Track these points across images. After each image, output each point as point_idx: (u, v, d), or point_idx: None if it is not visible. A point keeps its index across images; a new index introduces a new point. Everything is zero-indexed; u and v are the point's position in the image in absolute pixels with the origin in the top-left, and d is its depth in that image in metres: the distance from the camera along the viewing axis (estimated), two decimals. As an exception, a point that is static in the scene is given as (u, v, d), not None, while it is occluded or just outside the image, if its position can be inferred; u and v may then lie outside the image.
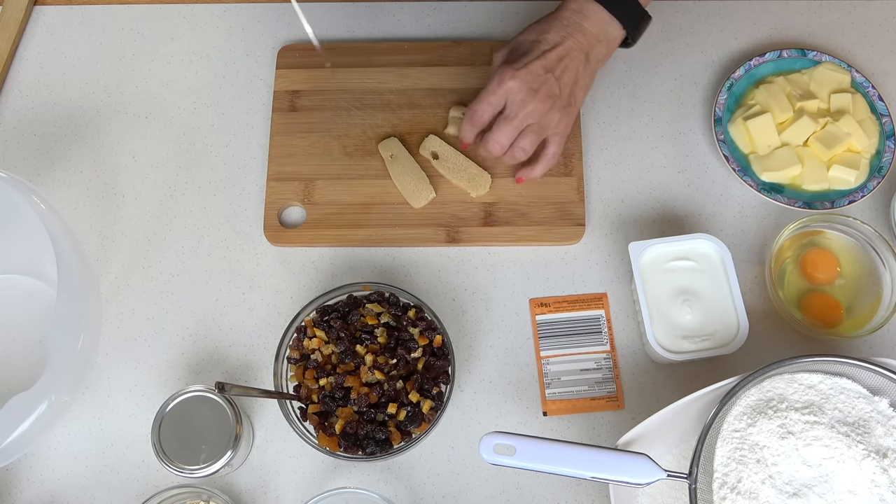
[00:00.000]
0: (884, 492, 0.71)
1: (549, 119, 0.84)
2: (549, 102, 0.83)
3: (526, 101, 0.83)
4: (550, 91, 0.83)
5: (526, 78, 0.82)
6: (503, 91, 0.83)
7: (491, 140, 0.85)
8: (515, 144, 0.85)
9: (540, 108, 0.83)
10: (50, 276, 0.83)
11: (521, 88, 0.82)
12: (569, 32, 0.83)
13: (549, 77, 0.82)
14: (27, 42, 1.04)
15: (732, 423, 0.74)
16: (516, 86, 0.82)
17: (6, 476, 0.86)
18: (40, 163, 0.98)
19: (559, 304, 0.91)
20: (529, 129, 0.85)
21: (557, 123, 0.85)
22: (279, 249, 0.94)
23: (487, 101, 0.84)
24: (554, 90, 0.83)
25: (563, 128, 0.86)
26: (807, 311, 0.88)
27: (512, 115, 0.84)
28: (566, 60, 0.83)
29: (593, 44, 0.84)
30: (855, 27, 1.02)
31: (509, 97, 0.83)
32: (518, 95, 0.82)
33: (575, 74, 0.84)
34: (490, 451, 0.72)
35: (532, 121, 0.84)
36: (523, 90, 0.82)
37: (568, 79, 0.84)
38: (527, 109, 0.83)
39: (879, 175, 0.92)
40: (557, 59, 0.83)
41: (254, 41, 1.03)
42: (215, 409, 0.80)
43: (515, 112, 0.83)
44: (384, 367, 0.82)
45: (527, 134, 0.85)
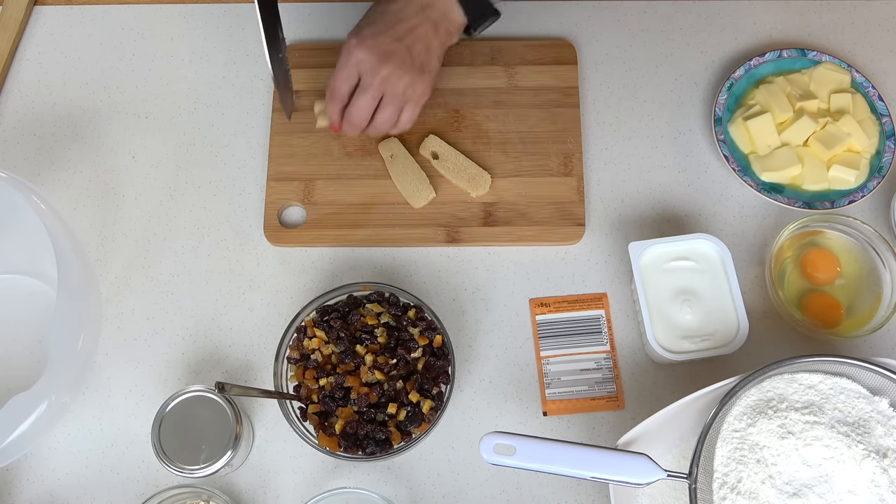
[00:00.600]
0: (884, 492, 0.71)
1: (404, 85, 0.85)
2: (402, 69, 0.84)
3: (377, 68, 0.83)
4: (402, 58, 0.84)
5: (373, 46, 0.83)
6: (353, 61, 0.84)
7: (352, 113, 0.86)
8: (377, 116, 0.87)
9: (393, 73, 0.84)
10: (50, 276, 0.83)
11: (371, 56, 0.83)
12: (411, 3, 0.84)
13: (397, 45, 0.83)
14: (27, 42, 1.04)
15: (732, 423, 0.74)
16: (364, 55, 0.83)
17: (6, 476, 0.86)
18: (40, 163, 0.98)
19: (559, 304, 0.91)
20: (387, 100, 0.86)
21: (413, 90, 0.86)
22: (279, 249, 0.94)
23: (340, 76, 0.85)
24: (404, 57, 0.84)
25: (419, 94, 0.87)
26: (807, 311, 0.88)
27: (367, 85, 0.84)
28: (416, 31, 0.84)
29: (440, 16, 0.85)
30: (855, 27, 1.02)
31: (360, 67, 0.84)
32: (368, 64, 0.83)
33: (425, 43, 0.85)
34: (490, 451, 0.72)
35: (387, 88, 0.85)
36: (373, 58, 0.83)
37: (418, 47, 0.84)
38: (380, 76, 0.84)
39: (879, 175, 0.92)
40: (404, 28, 0.84)
41: (254, 41, 1.03)
42: (215, 409, 0.80)
43: (369, 81, 0.84)
44: (384, 367, 0.82)
45: (385, 105, 0.86)
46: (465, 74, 0.99)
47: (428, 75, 0.86)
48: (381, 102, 0.86)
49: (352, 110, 0.86)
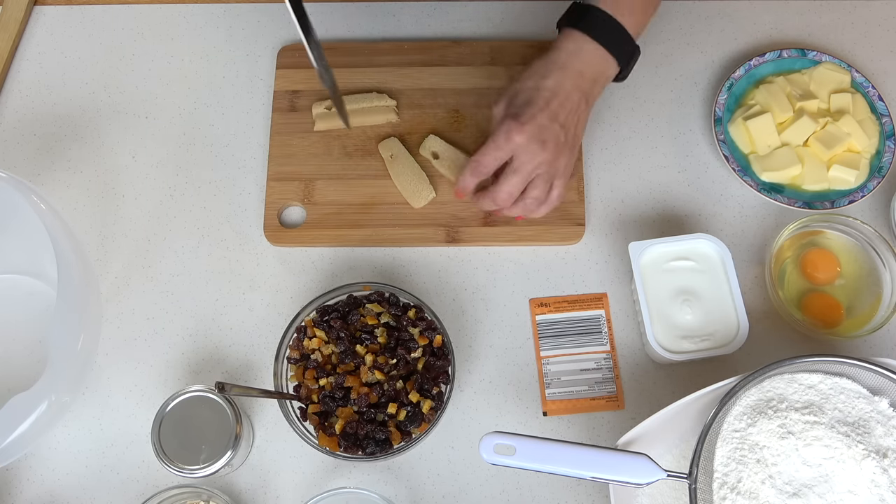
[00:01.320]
0: (884, 492, 0.71)
1: (556, 166, 0.83)
2: (556, 151, 0.82)
3: (535, 154, 0.81)
4: (557, 140, 0.82)
5: (533, 131, 0.80)
6: (511, 147, 0.81)
7: (500, 192, 0.83)
8: (526, 194, 0.84)
9: (549, 158, 0.82)
10: (50, 276, 0.83)
11: (530, 142, 0.81)
12: (566, 76, 0.82)
13: (554, 126, 0.81)
14: (27, 42, 1.04)
15: (732, 423, 0.74)
16: (524, 140, 0.81)
17: (6, 476, 0.86)
18: (40, 163, 0.98)
19: (559, 304, 0.91)
20: (539, 179, 0.84)
21: (565, 168, 0.84)
22: (279, 249, 0.94)
23: (494, 156, 0.82)
24: (560, 138, 0.82)
25: (567, 170, 0.85)
26: (807, 311, 0.88)
27: (521, 168, 0.82)
28: (567, 105, 0.82)
29: (590, 83, 0.83)
30: (855, 27, 1.02)
31: (517, 151, 0.81)
32: (527, 149, 0.81)
33: (577, 117, 0.83)
34: (490, 451, 0.72)
35: (542, 171, 0.83)
36: (532, 143, 0.81)
37: (571, 122, 0.83)
38: (536, 161, 0.82)
39: (879, 175, 0.92)
40: (559, 105, 0.82)
41: (254, 41, 1.03)
42: (215, 409, 0.80)
43: (524, 165, 0.82)
44: (384, 367, 0.82)
45: (536, 183, 0.84)
46: (466, 74, 0.99)
47: (576, 148, 0.85)
48: (532, 182, 0.84)
49: (502, 188, 0.83)
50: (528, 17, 1.04)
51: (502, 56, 1.00)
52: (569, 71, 0.82)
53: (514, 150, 0.81)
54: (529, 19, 1.04)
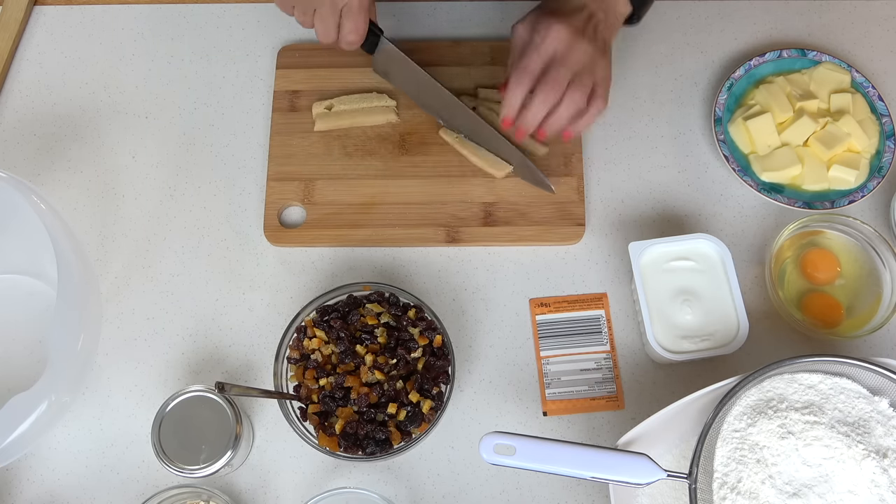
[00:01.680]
0: (884, 492, 0.71)
1: (595, 63, 0.81)
2: (593, 45, 0.81)
3: (575, 43, 0.79)
4: (592, 37, 0.81)
5: (571, 24, 0.80)
6: (553, 37, 0.79)
7: (549, 82, 0.80)
8: (568, 93, 0.81)
9: (589, 49, 0.80)
10: (50, 276, 0.83)
11: (569, 32, 0.79)
12: None
13: (587, 27, 0.81)
14: (27, 42, 1.04)
15: (732, 423, 0.74)
16: (565, 30, 0.79)
17: (6, 476, 0.86)
18: (40, 163, 0.98)
19: (559, 304, 0.91)
20: (579, 76, 0.81)
21: (602, 70, 0.82)
22: (279, 249, 0.94)
23: (538, 52, 0.80)
24: (594, 37, 0.81)
25: (607, 77, 0.83)
26: (807, 311, 0.88)
27: (564, 56, 0.80)
28: (595, 18, 0.82)
29: (609, 10, 0.83)
30: (855, 27, 1.02)
31: (559, 42, 0.80)
32: (567, 39, 0.79)
33: (603, 29, 0.82)
34: (490, 451, 0.72)
35: (582, 65, 0.81)
36: (571, 33, 0.79)
37: (600, 32, 0.82)
38: (578, 51, 0.80)
39: (879, 175, 0.92)
40: (588, 15, 0.81)
41: (254, 41, 1.03)
42: (215, 409, 0.80)
43: (567, 53, 0.80)
44: (384, 367, 0.82)
45: (576, 85, 0.81)
46: (466, 74, 0.99)
47: (609, 60, 0.83)
48: (573, 80, 0.81)
49: (547, 80, 0.80)
50: (528, 17, 1.04)
51: (502, 56, 0.99)
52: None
53: (555, 42, 0.80)
54: (529, 19, 1.04)
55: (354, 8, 0.80)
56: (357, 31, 0.82)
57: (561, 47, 0.80)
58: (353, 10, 0.80)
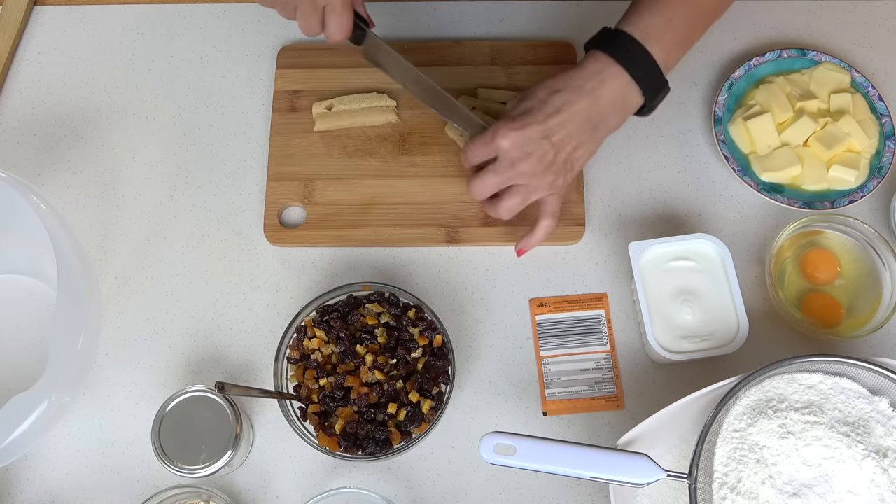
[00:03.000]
0: (884, 492, 0.71)
1: (539, 182, 0.82)
2: (541, 167, 0.80)
3: (515, 162, 0.80)
4: (543, 156, 0.80)
5: (519, 140, 0.79)
6: (494, 146, 0.80)
7: (474, 184, 0.83)
8: (500, 203, 0.84)
9: (529, 171, 0.80)
10: (50, 276, 0.83)
11: (513, 149, 0.79)
12: (579, 97, 0.79)
13: (544, 143, 0.79)
14: (27, 42, 1.04)
15: (732, 423, 0.74)
16: (508, 145, 0.79)
17: (6, 476, 0.86)
18: (40, 163, 0.98)
19: (559, 304, 0.91)
20: (516, 189, 0.83)
21: (551, 184, 0.82)
22: (279, 249, 0.94)
23: (478, 149, 0.82)
24: (548, 156, 0.80)
25: (558, 188, 0.84)
26: (807, 311, 0.88)
27: (499, 170, 0.81)
28: (569, 126, 0.79)
29: (607, 112, 0.80)
30: (855, 27, 1.02)
31: (500, 153, 0.81)
32: (509, 154, 0.80)
33: (576, 141, 0.80)
34: (490, 451, 0.72)
35: (521, 182, 0.82)
36: (515, 151, 0.79)
37: (566, 145, 0.80)
38: (516, 170, 0.80)
39: (879, 175, 0.92)
40: (559, 124, 0.79)
41: (254, 41, 1.03)
42: (215, 409, 0.80)
43: (503, 169, 0.81)
44: (384, 367, 0.82)
45: (513, 194, 0.83)
46: (465, 74, 0.99)
47: (569, 174, 0.83)
48: (509, 190, 0.83)
49: (477, 180, 0.83)
50: (528, 17, 1.04)
51: (502, 56, 1.00)
52: (583, 92, 0.79)
53: (497, 151, 0.81)
54: (529, 19, 1.04)
55: (338, 8, 0.79)
56: (342, 31, 0.81)
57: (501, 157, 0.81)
58: (337, 9, 0.79)
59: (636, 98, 0.81)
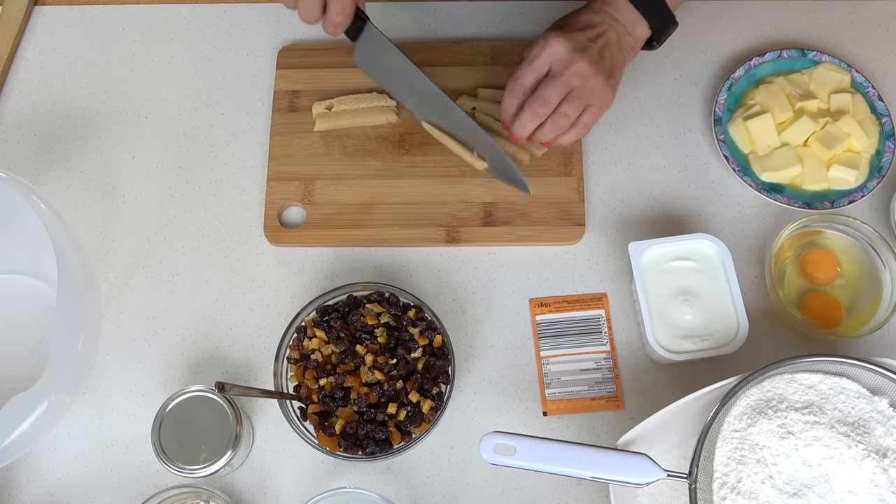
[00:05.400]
0: (884, 492, 0.71)
1: (592, 84, 0.82)
2: (594, 66, 0.82)
3: (572, 61, 0.81)
4: (595, 56, 0.82)
5: (571, 40, 0.81)
6: (548, 52, 0.82)
7: (535, 100, 0.82)
8: (558, 109, 0.83)
9: (586, 69, 0.81)
10: (50, 276, 0.83)
11: (567, 49, 0.81)
12: (600, 15, 0.84)
13: (592, 46, 0.82)
14: (27, 42, 1.04)
15: (732, 423, 0.74)
16: (562, 46, 0.81)
17: (6, 476, 0.86)
18: (40, 163, 0.98)
19: (559, 304, 0.91)
20: (573, 94, 0.83)
21: (600, 93, 0.83)
22: (279, 249, 0.94)
23: (531, 66, 0.82)
24: (597, 57, 0.82)
25: (603, 100, 0.84)
26: (807, 311, 0.88)
27: (557, 73, 0.82)
28: (605, 37, 0.83)
29: (624, 33, 0.84)
30: (855, 27, 1.02)
31: (554, 58, 0.82)
32: (564, 56, 0.81)
33: (614, 51, 0.84)
34: (490, 451, 0.72)
35: (577, 83, 0.82)
36: (569, 50, 0.81)
37: (609, 52, 0.83)
38: (573, 69, 0.81)
39: (879, 175, 0.92)
40: (598, 34, 0.83)
41: (254, 41, 1.03)
42: (215, 409, 0.80)
43: (561, 70, 0.82)
44: (384, 367, 0.82)
45: (571, 99, 0.83)
46: (465, 74, 0.99)
47: (614, 82, 0.84)
48: (567, 97, 0.83)
49: (536, 97, 0.82)
50: (528, 17, 1.04)
51: (502, 56, 1.00)
52: (602, 14, 0.84)
53: (551, 56, 0.82)
54: (529, 19, 1.04)
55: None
56: (344, 13, 0.81)
57: (556, 65, 0.82)
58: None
59: (644, 29, 0.85)
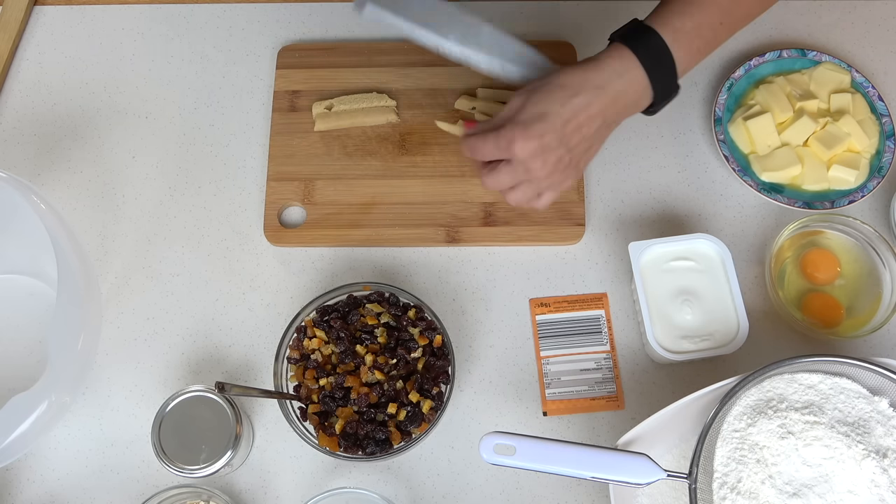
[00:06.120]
0: (884, 492, 0.71)
1: (550, 181, 0.80)
2: (553, 168, 0.78)
3: (531, 170, 0.78)
4: (558, 161, 0.78)
5: (535, 150, 0.76)
6: (509, 154, 0.77)
7: (487, 180, 0.81)
8: (510, 193, 0.81)
9: (543, 172, 0.78)
10: (50, 276, 0.83)
11: (529, 157, 0.77)
12: (598, 98, 0.76)
13: (560, 149, 0.77)
14: (27, 42, 1.04)
15: (732, 423, 0.74)
16: (525, 155, 0.76)
17: (6, 476, 0.86)
18: (40, 163, 0.98)
19: (559, 304, 0.91)
20: (527, 184, 0.80)
21: (556, 184, 0.81)
22: (279, 249, 0.94)
23: (489, 149, 0.78)
24: (563, 160, 0.78)
25: (562, 187, 0.82)
26: (807, 311, 0.88)
27: (514, 172, 0.79)
28: (585, 129, 0.77)
29: (620, 111, 0.78)
30: (855, 27, 1.02)
31: (514, 157, 0.78)
32: (524, 162, 0.77)
33: (589, 143, 0.79)
34: (490, 451, 0.72)
35: (531, 178, 0.79)
36: (531, 160, 0.77)
37: (581, 147, 0.79)
38: (531, 173, 0.78)
39: (879, 175, 0.92)
40: (576, 128, 0.77)
41: (254, 41, 1.03)
42: (215, 409, 0.80)
43: (518, 172, 0.78)
44: (384, 367, 0.82)
45: (524, 188, 0.80)
46: (466, 74, 0.99)
47: (577, 172, 0.81)
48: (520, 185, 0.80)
49: (492, 176, 0.80)
50: (528, 17, 1.04)
51: (502, 56, 1.00)
52: (604, 94, 0.76)
53: (510, 154, 0.78)
54: (529, 19, 1.04)
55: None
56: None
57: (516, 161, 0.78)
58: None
59: (647, 100, 0.79)
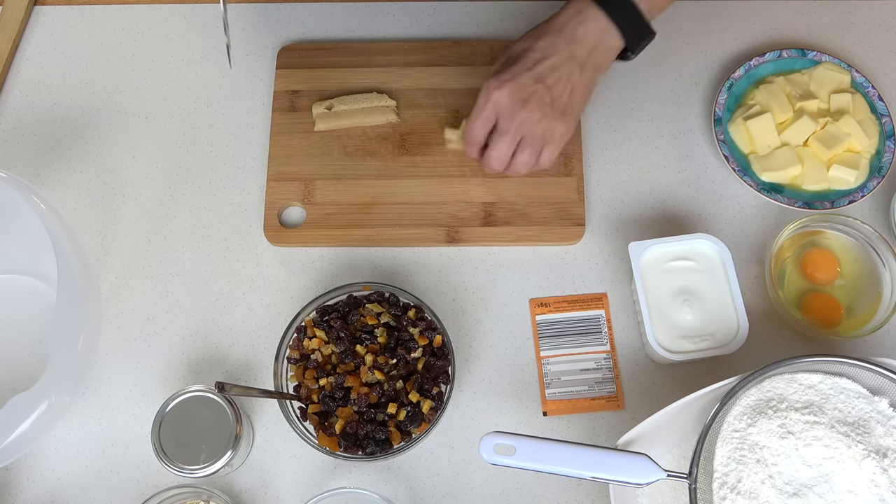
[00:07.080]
0: (884, 492, 0.71)
1: (543, 128, 0.81)
2: (540, 112, 0.80)
3: (515, 112, 0.80)
4: (541, 100, 0.80)
5: (513, 89, 0.79)
6: (491, 105, 0.80)
7: (489, 157, 0.83)
8: (514, 159, 0.83)
9: (531, 117, 0.80)
10: (50, 276, 0.83)
11: (509, 99, 0.79)
12: (560, 38, 0.80)
13: (538, 87, 0.79)
14: (27, 42, 1.04)
15: (732, 423, 0.74)
16: (503, 97, 0.79)
17: (6, 476, 0.86)
18: (40, 163, 0.98)
19: (559, 304, 0.91)
20: (525, 142, 0.82)
21: (552, 133, 0.82)
22: (279, 249, 0.94)
23: (478, 118, 0.82)
24: (545, 99, 0.80)
25: (559, 135, 0.83)
26: (807, 311, 0.88)
27: (504, 129, 0.81)
28: (559, 70, 0.80)
29: (589, 51, 0.81)
30: (855, 27, 1.02)
31: (498, 110, 0.80)
32: (506, 107, 0.80)
33: (570, 83, 0.81)
34: (490, 451, 0.72)
35: (525, 132, 0.82)
36: (511, 101, 0.79)
37: (561, 86, 0.81)
38: (517, 120, 0.80)
39: (879, 175, 0.92)
40: (549, 68, 0.80)
41: (254, 41, 1.03)
42: (215, 409, 0.80)
43: (507, 125, 0.81)
44: (384, 367, 0.82)
45: (524, 147, 0.83)
46: (465, 74, 0.99)
47: (570, 116, 0.83)
48: (520, 145, 0.82)
49: (490, 154, 0.83)
50: (528, 17, 1.04)
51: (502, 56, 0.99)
52: (563, 34, 0.80)
53: (496, 109, 0.80)
54: (529, 19, 1.03)
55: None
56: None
57: (502, 120, 0.81)
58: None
59: (616, 39, 0.82)
